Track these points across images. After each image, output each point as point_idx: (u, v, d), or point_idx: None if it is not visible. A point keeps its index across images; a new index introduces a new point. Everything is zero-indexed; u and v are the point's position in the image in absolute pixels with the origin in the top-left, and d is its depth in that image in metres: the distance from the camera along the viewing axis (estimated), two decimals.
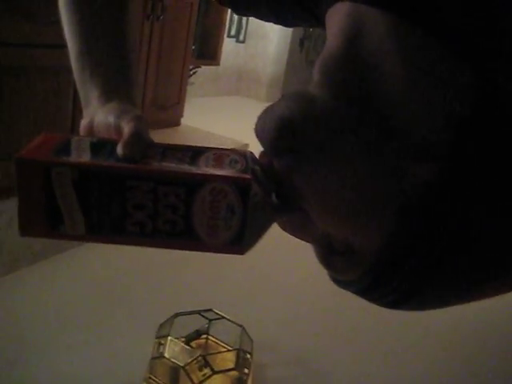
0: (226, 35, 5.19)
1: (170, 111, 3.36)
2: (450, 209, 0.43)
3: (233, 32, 5.68)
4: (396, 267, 0.46)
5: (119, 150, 0.47)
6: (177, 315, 1.82)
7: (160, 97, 3.18)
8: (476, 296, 0.49)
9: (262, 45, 6.22)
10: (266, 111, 0.50)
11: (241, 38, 5.88)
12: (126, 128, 0.50)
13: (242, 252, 0.48)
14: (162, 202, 0.45)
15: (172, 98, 3.33)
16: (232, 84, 6.20)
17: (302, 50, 6.55)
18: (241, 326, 1.82)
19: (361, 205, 0.45)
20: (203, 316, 1.88)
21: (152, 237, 0.47)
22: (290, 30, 6.18)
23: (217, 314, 1.88)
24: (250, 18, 0.74)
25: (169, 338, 1.71)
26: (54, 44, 1.79)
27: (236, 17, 5.56)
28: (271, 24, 0.72)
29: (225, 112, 5.19)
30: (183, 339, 1.78)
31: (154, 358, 1.69)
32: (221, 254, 0.48)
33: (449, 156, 0.42)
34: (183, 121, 3.84)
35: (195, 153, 0.49)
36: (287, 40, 6.33)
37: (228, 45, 5.47)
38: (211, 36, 4.59)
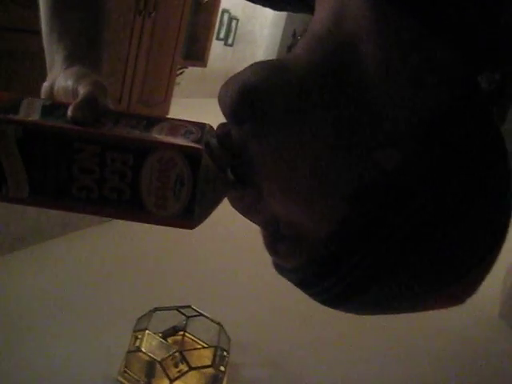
0: (214, 37, 5.20)
1: (156, 109, 3.34)
2: (403, 201, 0.42)
3: (222, 35, 5.69)
4: (342, 257, 0.44)
5: (69, 112, 0.45)
6: (155, 310, 1.81)
7: (147, 93, 3.16)
8: (421, 303, 0.47)
9: (251, 49, 6.24)
10: (233, 77, 0.48)
11: (229, 41, 5.89)
12: (82, 92, 0.49)
13: (190, 226, 0.46)
14: (110, 167, 0.44)
15: (158, 95, 3.32)
16: (218, 86, 6.15)
17: None
18: (219, 323, 1.82)
19: (316, 184, 0.44)
20: (181, 312, 1.87)
21: (98, 204, 0.45)
22: (278, 36, 6.22)
23: (195, 310, 1.88)
24: (240, 21, 0.73)
25: (146, 331, 1.70)
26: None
27: (226, 20, 5.57)
28: (260, 29, 0.72)
29: (210, 114, 5.15)
30: (160, 334, 1.78)
31: (130, 352, 1.68)
32: (168, 227, 0.46)
33: (414, 148, 0.42)
34: None
35: (150, 122, 0.47)
36: (275, 46, 6.35)
37: (216, 47, 5.48)
38: (200, 37, 4.59)
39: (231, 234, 2.64)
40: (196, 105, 5.50)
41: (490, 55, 0.46)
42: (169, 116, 0.49)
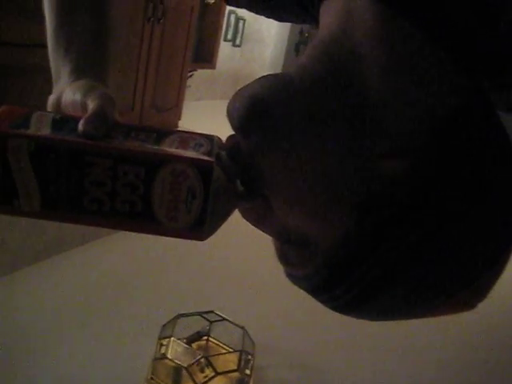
0: (222, 39, 5.20)
1: (169, 114, 3.36)
2: (410, 209, 0.42)
3: (229, 36, 5.69)
4: (352, 265, 0.44)
5: (80, 126, 0.45)
6: (179, 316, 1.82)
7: (159, 99, 3.18)
8: (431, 309, 0.47)
9: (258, 49, 6.24)
10: (240, 90, 0.49)
11: (237, 41, 5.89)
12: (91, 105, 0.49)
13: (202, 238, 0.46)
14: (121, 180, 0.44)
15: (170, 100, 3.33)
16: (228, 88, 6.21)
17: (297, 55, 6.57)
18: (242, 327, 1.83)
19: (324, 194, 0.44)
20: (205, 317, 1.88)
21: (110, 216, 0.45)
22: (286, 35, 6.20)
23: (218, 315, 1.89)
24: (247, 21, 0.72)
25: (172, 338, 1.71)
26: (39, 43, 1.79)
27: (233, 21, 5.57)
28: (268, 29, 0.71)
29: (221, 116, 5.16)
30: (185, 340, 1.79)
31: (156, 359, 1.70)
32: (179, 238, 0.46)
33: (420, 156, 0.42)
34: (181, 124, 3.85)
35: (160, 135, 0.47)
36: (283, 45, 6.34)
37: (224, 48, 5.48)
38: (207, 39, 4.59)
39: (251, 237, 2.65)
40: (207, 107, 5.51)
41: (493, 62, 0.45)
42: (178, 129, 0.48)
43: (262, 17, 0.70)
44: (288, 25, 6.25)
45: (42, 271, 2.23)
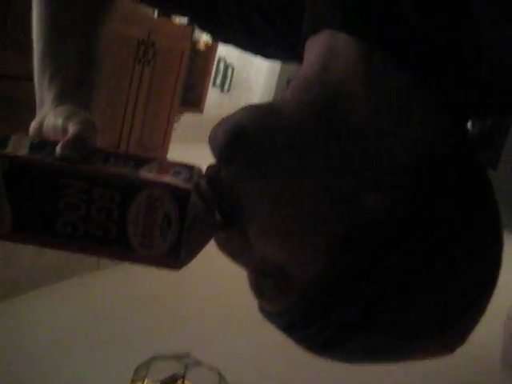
0: (211, 84, 5.27)
1: (154, 153, 3.36)
2: (390, 246, 0.42)
3: (218, 82, 5.77)
4: (328, 302, 0.43)
5: (58, 149, 0.45)
6: (153, 358, 1.78)
7: (145, 138, 3.19)
8: (409, 352, 0.46)
9: (246, 96, 6.32)
10: (223, 119, 0.49)
11: (225, 88, 5.98)
12: (71, 130, 0.48)
13: (176, 267, 0.45)
14: (96, 204, 0.43)
15: (157, 140, 3.35)
16: None
17: None
18: (218, 371, 1.79)
19: (302, 226, 0.44)
20: (180, 360, 1.84)
21: (83, 241, 0.44)
22: (273, 83, 6.30)
23: (194, 359, 1.84)
24: (236, 69, 0.73)
25: (145, 381, 1.67)
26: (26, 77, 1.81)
27: (222, 67, 5.66)
28: (256, 76, 0.72)
29: (206, 159, 5.19)
30: (159, 383, 1.74)
31: None
32: (154, 266, 0.45)
33: (401, 194, 0.42)
34: None
35: (140, 161, 0.47)
36: (271, 93, 6.44)
37: (212, 94, 5.55)
38: (196, 84, 4.65)
39: (228, 279, 2.62)
40: (192, 150, 5.53)
41: (474, 104, 0.46)
42: (159, 157, 0.49)
43: (251, 64, 0.70)
44: (276, 74, 6.37)
45: (14, 307, 2.18)
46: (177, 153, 4.45)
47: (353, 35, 0.46)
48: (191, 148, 5.74)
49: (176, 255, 0.44)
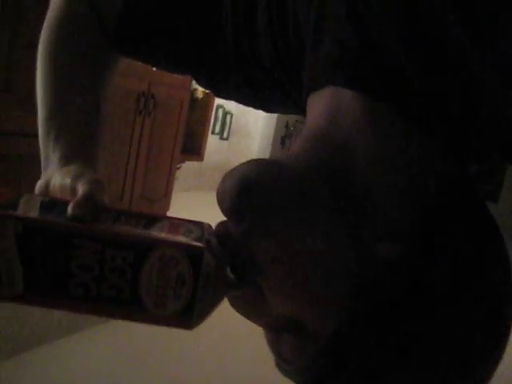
0: (210, 132, 5.33)
1: (158, 204, 3.37)
2: (408, 294, 0.41)
3: (217, 129, 5.84)
4: (348, 356, 0.43)
5: (69, 209, 0.45)
6: None
7: (148, 190, 3.21)
8: None
9: (245, 142, 6.39)
10: (228, 174, 0.49)
11: (224, 135, 6.04)
12: (81, 190, 0.48)
13: (190, 327, 0.45)
14: (109, 264, 0.43)
15: (159, 191, 3.36)
16: (215, 179, 6.27)
17: (283, 148, 6.73)
18: None
19: (317, 281, 0.43)
20: None
21: (95, 302, 0.44)
22: (272, 129, 6.38)
23: None
24: (235, 115, 0.74)
25: None
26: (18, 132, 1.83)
27: (220, 115, 5.73)
28: (254, 123, 0.73)
29: (208, 206, 5.21)
30: None
31: None
32: (167, 326, 0.44)
33: (413, 241, 0.42)
34: (169, 214, 3.86)
35: (150, 220, 0.47)
36: (269, 138, 6.51)
37: (212, 141, 5.60)
38: (196, 132, 4.70)
39: (226, 336, 2.59)
40: (194, 198, 5.54)
41: (475, 149, 0.47)
42: (168, 215, 0.49)
43: (249, 111, 0.72)
44: (274, 119, 6.44)
45: (16, 366, 2.14)
46: (179, 202, 4.47)
47: (356, 91, 0.47)
48: (192, 196, 5.78)
49: (189, 315, 0.44)
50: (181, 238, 0.44)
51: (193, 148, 4.75)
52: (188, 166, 5.18)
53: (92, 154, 0.62)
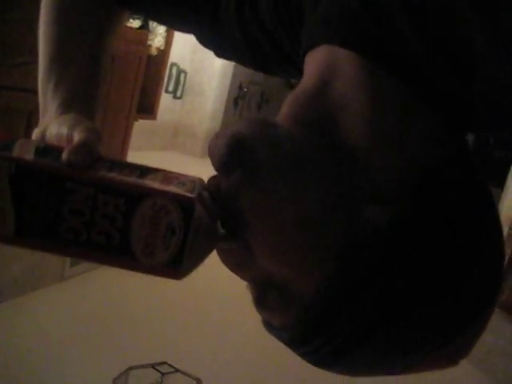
0: (163, 90, 5.24)
1: None
2: (394, 258, 0.42)
3: (170, 88, 5.74)
4: (331, 315, 0.43)
5: (64, 155, 0.45)
6: (130, 368, 1.75)
7: (104, 147, 3.14)
8: (412, 364, 0.46)
9: (199, 101, 6.32)
10: (222, 130, 0.49)
11: (178, 93, 5.95)
12: (76, 137, 0.48)
13: (177, 276, 0.45)
14: (101, 210, 0.43)
15: (115, 149, 3.30)
16: (168, 139, 6.21)
17: (236, 108, 6.71)
18: (197, 379, 1.77)
19: (304, 239, 0.44)
20: (157, 369, 1.81)
21: (85, 247, 0.44)
22: (225, 88, 6.32)
23: (171, 366, 1.82)
24: (189, 74, 0.73)
25: None
26: (20, 87, 1.78)
27: (174, 73, 5.64)
28: (208, 82, 0.72)
29: (162, 166, 5.15)
30: None
31: None
32: (154, 275, 0.45)
33: (404, 205, 0.42)
34: None
35: (144, 171, 0.47)
36: (223, 98, 6.46)
37: (165, 100, 5.51)
38: (149, 91, 4.61)
39: (207, 285, 2.61)
40: (147, 157, 5.47)
41: (472, 118, 0.48)
42: (161, 168, 0.49)
43: (203, 69, 0.72)
44: (228, 79, 6.39)
45: None
46: (132, 161, 4.41)
47: (353, 51, 0.47)
48: (145, 155, 5.70)
49: (178, 265, 0.44)
50: (173, 189, 0.44)
51: (145, 106, 4.67)
52: (140, 125, 5.09)
53: (90, 104, 0.62)
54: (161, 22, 0.76)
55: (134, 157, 4.98)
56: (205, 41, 0.70)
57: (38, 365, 1.97)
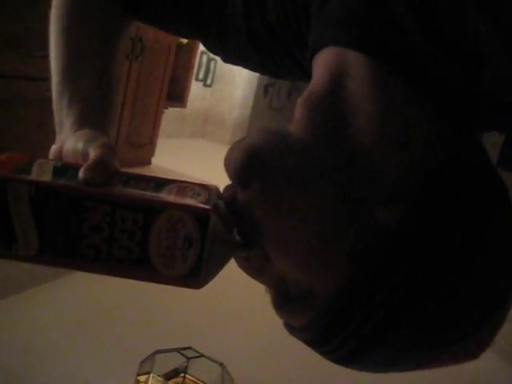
0: (193, 78, 5.26)
1: (143, 150, 3.37)
2: (407, 256, 0.42)
3: (201, 76, 5.77)
4: (349, 315, 0.44)
5: (81, 173, 0.46)
6: (156, 352, 1.79)
7: (134, 135, 3.19)
8: (433, 359, 0.46)
9: (229, 89, 6.32)
10: (237, 142, 0.50)
11: (208, 81, 5.98)
12: (92, 154, 0.49)
13: (197, 286, 0.46)
14: (119, 226, 0.44)
15: (145, 137, 3.35)
16: (197, 127, 6.24)
17: (266, 96, 6.69)
18: (221, 364, 1.81)
19: (319, 244, 0.45)
20: (182, 354, 1.85)
21: (106, 263, 0.46)
22: (255, 76, 6.30)
23: (196, 351, 1.86)
24: (218, 62, 0.72)
25: (150, 375, 1.68)
26: (40, 77, 1.81)
27: (204, 61, 5.66)
28: (239, 69, 0.71)
29: (191, 154, 5.22)
30: (162, 377, 1.75)
31: None
32: (174, 286, 0.46)
33: (414, 201, 0.43)
34: (154, 160, 3.86)
35: (159, 183, 0.48)
36: (253, 86, 6.44)
37: (195, 88, 5.54)
38: (179, 78, 4.64)
39: (230, 272, 2.64)
40: (177, 145, 5.52)
41: (480, 116, 0.48)
42: (177, 178, 0.50)
43: None
44: None
45: (14, 305, 2.17)
46: (162, 148, 4.45)
47: (361, 52, 0.48)
48: (174, 143, 5.75)
49: (197, 275, 0.45)
50: (188, 201, 0.46)
51: (176, 94, 4.70)
52: (171, 113, 5.13)
53: (104, 120, 0.63)
54: (166, 28, 0.75)
55: (164, 143, 5.05)
56: (211, 47, 0.70)
57: (71, 346, 2.02)
